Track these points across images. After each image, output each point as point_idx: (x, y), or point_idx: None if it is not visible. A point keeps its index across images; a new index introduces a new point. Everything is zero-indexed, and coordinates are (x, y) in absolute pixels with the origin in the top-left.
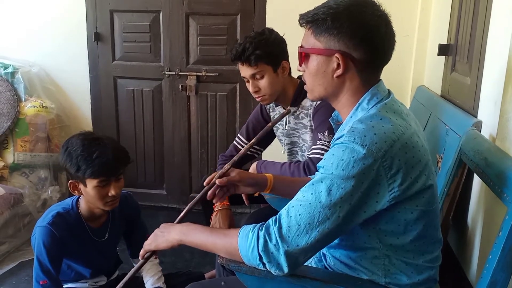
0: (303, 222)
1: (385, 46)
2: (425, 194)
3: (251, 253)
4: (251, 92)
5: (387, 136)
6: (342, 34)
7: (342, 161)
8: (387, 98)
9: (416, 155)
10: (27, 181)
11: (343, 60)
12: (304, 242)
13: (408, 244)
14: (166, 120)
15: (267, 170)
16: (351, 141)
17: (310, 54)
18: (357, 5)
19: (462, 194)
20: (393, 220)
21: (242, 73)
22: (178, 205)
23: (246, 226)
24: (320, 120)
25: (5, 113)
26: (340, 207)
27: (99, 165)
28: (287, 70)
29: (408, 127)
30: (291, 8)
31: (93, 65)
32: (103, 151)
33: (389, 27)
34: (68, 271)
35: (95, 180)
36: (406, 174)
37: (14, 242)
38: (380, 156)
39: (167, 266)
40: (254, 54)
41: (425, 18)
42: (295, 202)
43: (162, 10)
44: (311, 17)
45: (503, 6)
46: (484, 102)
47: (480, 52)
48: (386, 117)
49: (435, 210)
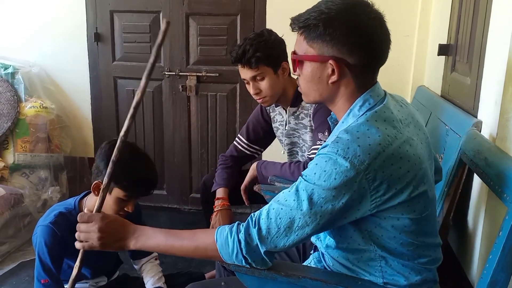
0: (283, 225)
1: (380, 48)
2: (411, 203)
3: (235, 258)
4: (252, 94)
5: (371, 148)
6: (335, 40)
7: (324, 172)
8: (381, 103)
9: (404, 166)
10: (27, 182)
11: (338, 66)
12: (282, 244)
13: (400, 247)
14: (166, 120)
15: (267, 170)
16: (334, 152)
17: (304, 60)
18: (349, 9)
19: (462, 194)
20: (381, 225)
21: (242, 75)
22: (178, 205)
23: (222, 229)
24: (320, 121)
25: (5, 114)
26: (321, 216)
27: (138, 182)
28: (287, 71)
29: (399, 136)
30: (291, 8)
31: (93, 65)
32: (147, 171)
33: (383, 28)
34: (69, 270)
35: (123, 193)
36: (390, 186)
37: (14, 242)
38: (363, 169)
39: (168, 266)
40: (255, 57)
41: (425, 18)
42: (276, 205)
43: (162, 10)
44: (303, 23)
45: (503, 5)
46: (484, 102)
47: (480, 52)
48: (374, 126)
49: (427, 217)
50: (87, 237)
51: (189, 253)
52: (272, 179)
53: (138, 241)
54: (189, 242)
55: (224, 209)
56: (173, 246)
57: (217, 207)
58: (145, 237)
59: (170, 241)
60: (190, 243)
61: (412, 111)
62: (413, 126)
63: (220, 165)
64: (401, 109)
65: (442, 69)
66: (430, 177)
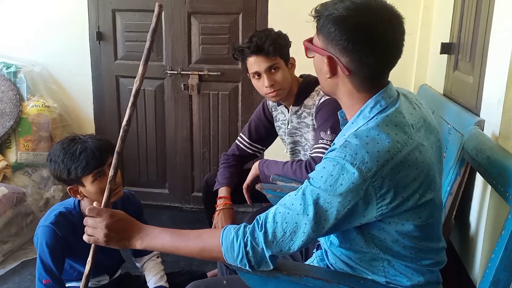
0: (289, 230)
1: (387, 54)
2: (417, 211)
3: (240, 261)
4: (266, 86)
5: (379, 156)
6: (330, 38)
7: (331, 177)
8: (393, 105)
9: (411, 174)
10: (29, 180)
11: (329, 63)
12: (287, 248)
13: (403, 250)
14: (168, 119)
15: (269, 169)
16: (342, 157)
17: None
18: (355, 12)
19: (464, 193)
20: (385, 229)
21: (255, 67)
22: (180, 204)
23: (227, 232)
24: (323, 119)
25: (7, 113)
26: (325, 220)
27: (86, 158)
28: (294, 67)
29: (409, 142)
30: (293, 7)
31: (96, 64)
32: (84, 146)
33: (388, 31)
34: (71, 270)
35: (90, 175)
36: (396, 194)
37: (17, 241)
38: (370, 176)
39: (170, 264)
40: (274, 45)
41: (427, 17)
42: (282, 208)
43: (164, 9)
44: (318, 14)
45: (505, 4)
46: (486, 100)
47: (482, 51)
48: (384, 132)
49: (431, 224)
50: (93, 232)
51: (194, 254)
52: (274, 178)
53: (144, 240)
54: (194, 243)
55: (226, 208)
56: (178, 247)
57: (219, 206)
58: (150, 236)
59: (176, 242)
60: (196, 244)
61: (425, 113)
62: (424, 130)
63: (222, 164)
64: (414, 112)
65: (444, 67)
66: (438, 183)
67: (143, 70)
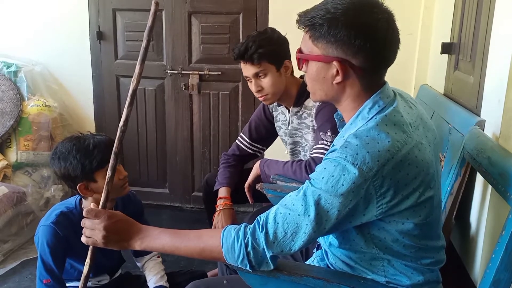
0: (289, 230)
1: (386, 50)
2: (417, 209)
3: (241, 262)
4: (254, 91)
5: (380, 155)
6: (340, 41)
7: (332, 177)
8: (391, 105)
9: (411, 172)
10: (30, 180)
11: (342, 67)
12: (288, 249)
13: (403, 249)
14: (168, 119)
15: (270, 168)
16: (343, 158)
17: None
18: (356, 9)
19: (465, 193)
20: (385, 229)
21: (244, 72)
22: (180, 203)
23: (228, 233)
24: (323, 120)
25: (8, 112)
26: (327, 220)
27: (101, 152)
28: (289, 70)
29: (408, 141)
30: (293, 7)
31: (96, 64)
32: (95, 141)
33: (391, 28)
34: (71, 270)
35: (104, 169)
36: (396, 192)
37: (17, 240)
38: (371, 176)
39: (170, 264)
40: (257, 53)
41: (428, 17)
42: (283, 209)
43: (164, 8)
44: (309, 21)
45: (506, 4)
46: (487, 100)
47: (483, 51)
48: (384, 131)
49: (431, 222)
50: (91, 234)
51: (194, 255)
52: (274, 178)
53: (143, 242)
54: (194, 244)
55: (227, 208)
56: (179, 247)
57: (219, 207)
58: (150, 237)
59: (176, 243)
60: (196, 245)
61: (421, 111)
62: (421, 128)
63: (222, 164)
64: (410, 111)
65: (445, 67)
66: (437, 180)
67: (140, 69)
